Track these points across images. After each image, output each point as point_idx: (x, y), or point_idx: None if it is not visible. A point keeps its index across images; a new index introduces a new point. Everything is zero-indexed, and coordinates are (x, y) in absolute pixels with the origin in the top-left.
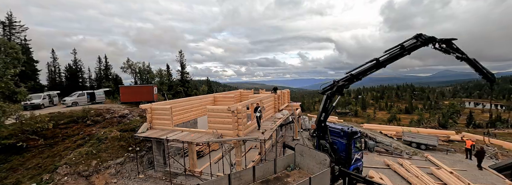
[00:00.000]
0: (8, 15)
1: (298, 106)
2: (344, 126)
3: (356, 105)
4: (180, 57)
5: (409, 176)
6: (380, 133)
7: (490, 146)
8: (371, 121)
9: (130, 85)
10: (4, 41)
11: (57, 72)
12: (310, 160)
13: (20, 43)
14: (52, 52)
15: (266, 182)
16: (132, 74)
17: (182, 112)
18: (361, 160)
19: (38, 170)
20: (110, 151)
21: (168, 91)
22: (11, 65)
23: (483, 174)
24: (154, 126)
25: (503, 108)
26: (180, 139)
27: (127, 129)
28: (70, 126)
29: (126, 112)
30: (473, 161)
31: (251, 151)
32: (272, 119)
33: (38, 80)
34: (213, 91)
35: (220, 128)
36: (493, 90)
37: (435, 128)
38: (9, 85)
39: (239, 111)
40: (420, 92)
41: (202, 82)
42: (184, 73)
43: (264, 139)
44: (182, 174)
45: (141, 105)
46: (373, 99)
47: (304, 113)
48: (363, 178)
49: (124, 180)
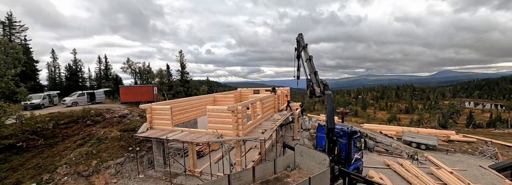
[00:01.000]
0: (8, 15)
1: (298, 106)
2: (344, 126)
3: (356, 105)
4: (180, 57)
5: (409, 176)
6: (380, 133)
7: (490, 146)
8: (371, 121)
9: (130, 85)
10: (5, 41)
11: (57, 72)
12: (310, 160)
13: (20, 43)
14: (52, 52)
15: (266, 182)
16: (132, 74)
17: (182, 112)
18: (361, 160)
19: (38, 170)
20: (110, 151)
21: (168, 91)
22: (12, 65)
23: (483, 174)
24: (154, 126)
25: (503, 108)
26: (180, 139)
27: (127, 129)
28: (70, 126)
29: (126, 112)
30: (473, 161)
31: (251, 151)
32: (272, 119)
33: (38, 80)
34: (213, 91)
35: (220, 128)
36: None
37: (435, 128)
38: (9, 85)
39: (239, 111)
40: (420, 92)
41: (202, 82)
42: (184, 73)
43: (264, 139)
44: (182, 174)
45: (141, 105)
46: (373, 99)
47: (304, 113)
48: (363, 178)
49: (124, 180)
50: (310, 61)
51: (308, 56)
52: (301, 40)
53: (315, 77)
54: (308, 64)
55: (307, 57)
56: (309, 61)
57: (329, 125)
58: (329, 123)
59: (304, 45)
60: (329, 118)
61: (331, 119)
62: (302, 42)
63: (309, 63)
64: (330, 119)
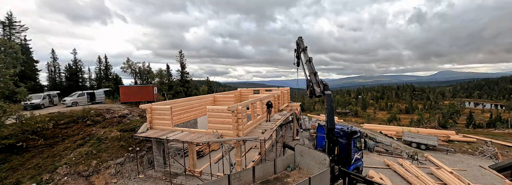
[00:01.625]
0: (8, 15)
1: (298, 106)
2: (344, 126)
3: (356, 105)
4: (180, 57)
5: (409, 176)
6: (380, 133)
7: (490, 146)
8: (371, 121)
9: (130, 85)
10: (4, 41)
11: (57, 72)
12: (310, 160)
13: (20, 43)
14: (52, 52)
15: (266, 182)
16: (132, 74)
17: (182, 112)
18: (361, 160)
19: (38, 170)
20: (110, 151)
21: (168, 91)
22: (11, 65)
23: (483, 174)
24: (154, 126)
25: (503, 108)
26: (180, 139)
27: (127, 129)
28: (70, 126)
29: (126, 112)
30: (473, 161)
31: (251, 151)
32: (272, 119)
33: (38, 80)
34: (213, 91)
35: (220, 128)
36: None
37: (435, 128)
38: (9, 85)
39: (239, 111)
40: (420, 92)
41: (202, 82)
42: (184, 73)
43: (264, 139)
44: (182, 174)
45: (141, 105)
46: (373, 99)
47: (304, 113)
48: (363, 178)
49: (124, 180)
50: (309, 62)
51: (307, 58)
52: (301, 43)
53: (315, 77)
54: (308, 65)
55: (307, 58)
56: (309, 62)
57: (329, 125)
58: (329, 123)
59: (303, 47)
60: (329, 118)
61: (331, 119)
62: (301, 44)
63: (309, 64)
64: (330, 119)
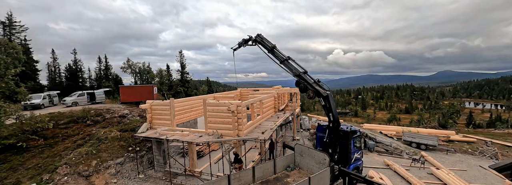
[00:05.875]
0: (8, 15)
1: (298, 106)
2: (344, 125)
3: (356, 105)
4: (180, 57)
5: (409, 176)
6: (380, 133)
7: (490, 146)
8: (371, 121)
9: (130, 85)
10: (5, 41)
11: (57, 72)
12: (309, 160)
13: (20, 43)
14: (52, 52)
15: (266, 182)
16: (132, 74)
17: (182, 112)
18: (361, 160)
19: (38, 170)
20: (110, 151)
21: (168, 91)
22: (12, 65)
23: (483, 174)
24: (154, 126)
25: (503, 108)
26: (180, 139)
27: (127, 129)
28: (70, 126)
29: (126, 112)
30: (473, 161)
31: (251, 151)
32: (272, 119)
33: (38, 80)
34: (213, 91)
35: (220, 128)
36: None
37: (435, 128)
38: (9, 85)
39: (239, 111)
40: (420, 92)
41: (202, 82)
42: (184, 73)
43: (264, 139)
44: (182, 174)
45: (141, 105)
46: (373, 99)
47: (304, 113)
48: (363, 178)
49: (124, 180)
50: (288, 61)
51: (285, 57)
52: (264, 42)
53: (307, 76)
54: (289, 65)
55: (284, 58)
56: (287, 62)
57: (336, 123)
58: (336, 122)
59: (271, 47)
60: (334, 117)
61: (337, 118)
62: (266, 43)
63: (289, 63)
64: (337, 118)
